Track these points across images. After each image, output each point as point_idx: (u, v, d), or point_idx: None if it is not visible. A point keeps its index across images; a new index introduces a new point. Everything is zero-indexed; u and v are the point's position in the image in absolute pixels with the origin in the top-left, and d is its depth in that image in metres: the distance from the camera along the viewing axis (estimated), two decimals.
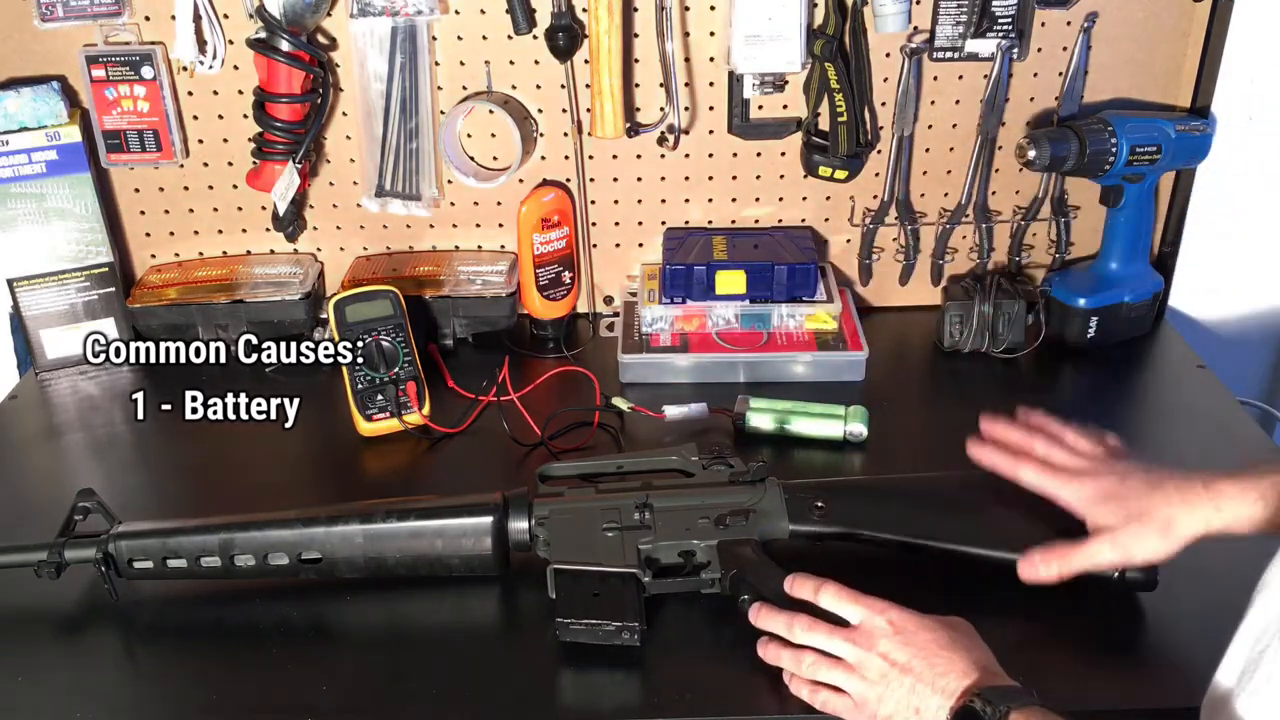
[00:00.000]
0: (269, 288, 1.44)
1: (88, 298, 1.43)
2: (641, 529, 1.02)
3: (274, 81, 1.32)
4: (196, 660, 1.00)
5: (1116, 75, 1.41)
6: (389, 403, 1.26)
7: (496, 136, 1.43)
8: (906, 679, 0.85)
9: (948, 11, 1.34)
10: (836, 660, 0.89)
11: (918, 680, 0.84)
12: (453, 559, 1.03)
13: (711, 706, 0.92)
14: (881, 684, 0.86)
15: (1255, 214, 1.51)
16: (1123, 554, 0.93)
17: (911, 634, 0.87)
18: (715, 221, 1.50)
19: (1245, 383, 1.60)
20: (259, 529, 1.02)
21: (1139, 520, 0.92)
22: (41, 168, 1.37)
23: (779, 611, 0.93)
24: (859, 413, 1.25)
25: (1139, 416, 1.37)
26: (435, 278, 1.45)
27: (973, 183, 1.45)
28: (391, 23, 1.34)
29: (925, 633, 0.87)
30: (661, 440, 1.25)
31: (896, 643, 0.87)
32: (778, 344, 1.38)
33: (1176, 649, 0.82)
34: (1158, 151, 1.34)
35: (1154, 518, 0.92)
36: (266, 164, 1.38)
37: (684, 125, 1.42)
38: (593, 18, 1.31)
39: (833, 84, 1.35)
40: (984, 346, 1.40)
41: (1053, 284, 1.42)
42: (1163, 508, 0.92)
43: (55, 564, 1.01)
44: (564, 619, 0.96)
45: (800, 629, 0.91)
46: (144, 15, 1.35)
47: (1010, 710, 0.79)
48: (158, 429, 1.30)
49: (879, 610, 0.89)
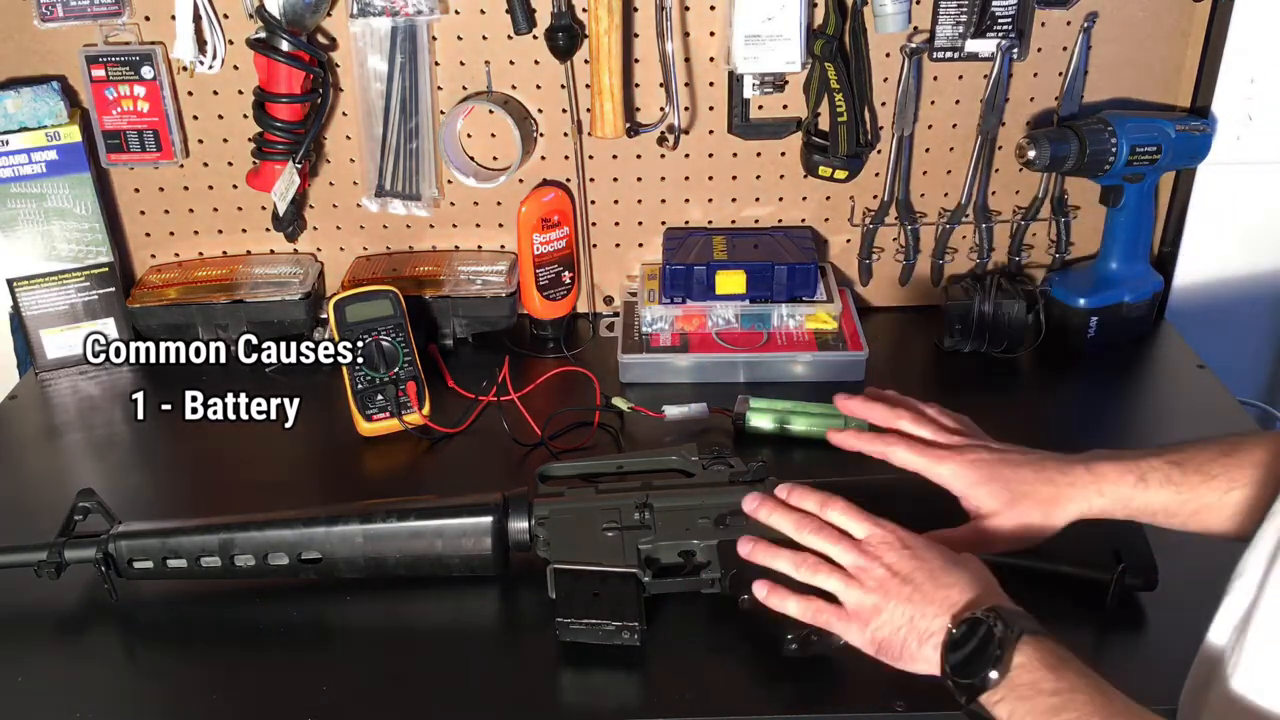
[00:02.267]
0: (269, 288, 1.44)
1: (88, 298, 1.43)
2: (641, 529, 1.02)
3: (274, 81, 1.32)
4: (196, 660, 1.00)
5: (1116, 75, 1.41)
6: (389, 403, 1.26)
7: (496, 136, 1.43)
8: (905, 589, 0.82)
9: (948, 11, 1.34)
10: (836, 567, 0.86)
11: (917, 590, 0.82)
12: (453, 559, 1.03)
13: (711, 706, 0.92)
14: (879, 592, 0.83)
15: (1255, 214, 1.51)
16: (1007, 539, 0.91)
17: (919, 550, 0.84)
18: (715, 221, 1.50)
19: (1245, 383, 1.60)
20: (259, 529, 1.02)
21: (1021, 502, 0.91)
22: (41, 168, 1.37)
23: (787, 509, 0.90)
24: None
25: (1139, 416, 1.37)
26: (435, 278, 1.45)
27: (973, 183, 1.45)
28: (391, 23, 1.34)
29: (933, 552, 0.84)
30: (661, 440, 1.25)
31: (903, 555, 0.84)
32: (778, 344, 1.38)
33: (1176, 649, 0.82)
34: (1158, 151, 1.34)
35: (1037, 499, 0.91)
36: (266, 164, 1.38)
37: (684, 125, 1.42)
38: (593, 18, 1.31)
39: (833, 84, 1.35)
40: (984, 346, 1.40)
41: (1053, 284, 1.42)
42: (1044, 488, 0.91)
43: (55, 564, 1.01)
44: (564, 619, 0.96)
45: (809, 530, 0.88)
46: (144, 15, 1.35)
47: (1024, 633, 0.76)
48: (158, 429, 1.30)
49: (889, 529, 0.86)
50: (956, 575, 0.82)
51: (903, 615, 0.82)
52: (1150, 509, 0.89)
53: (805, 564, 0.87)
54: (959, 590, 0.81)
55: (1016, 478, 0.92)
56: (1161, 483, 0.88)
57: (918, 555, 0.84)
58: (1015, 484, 0.91)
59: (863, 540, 0.87)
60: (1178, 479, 0.88)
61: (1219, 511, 0.87)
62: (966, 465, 0.93)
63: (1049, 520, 0.91)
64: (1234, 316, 1.57)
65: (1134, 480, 0.89)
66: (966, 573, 0.83)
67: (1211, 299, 1.55)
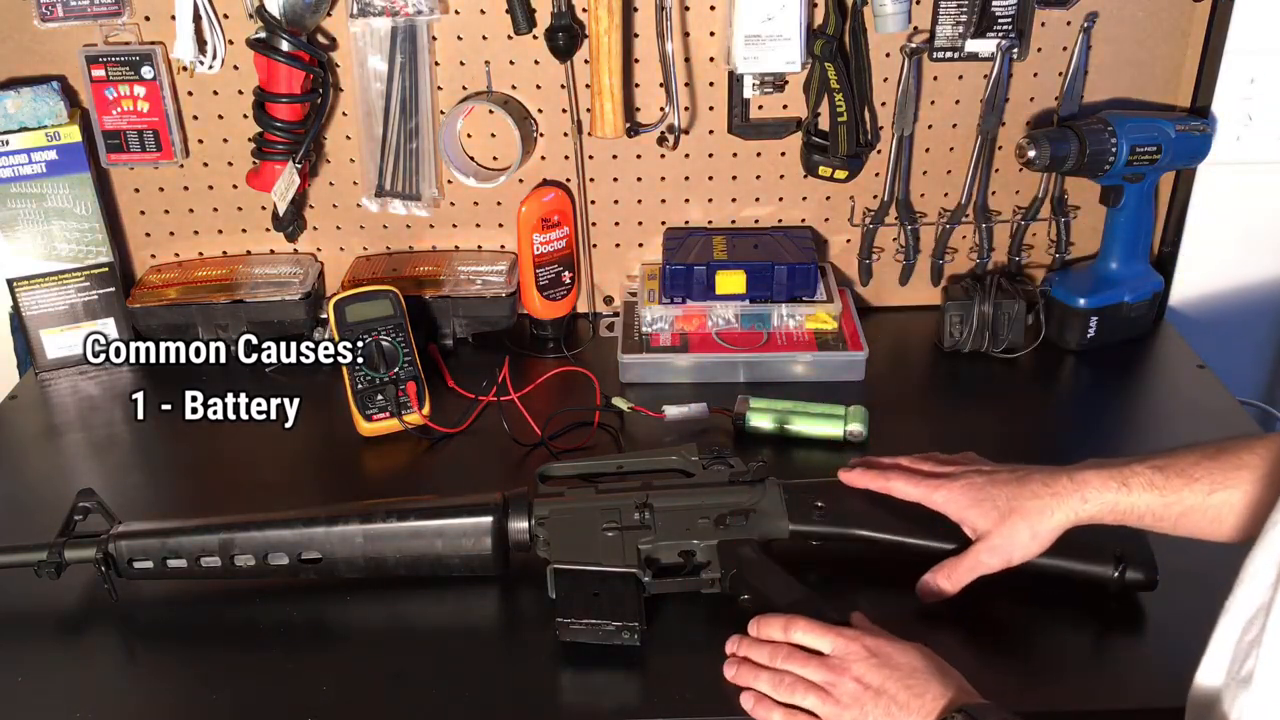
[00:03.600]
0: (269, 288, 1.44)
1: (88, 298, 1.43)
2: (641, 529, 1.02)
3: (274, 81, 1.32)
4: (196, 660, 1.00)
5: (1116, 75, 1.41)
6: (389, 403, 1.26)
7: (496, 136, 1.43)
8: (880, 701, 0.85)
9: (948, 11, 1.34)
10: (812, 685, 0.88)
11: (892, 702, 0.84)
12: (453, 559, 1.03)
13: (711, 706, 0.92)
14: (855, 707, 0.86)
15: (1255, 214, 1.51)
16: (1002, 556, 0.95)
17: (885, 657, 0.87)
18: (715, 221, 1.50)
19: (1245, 383, 1.60)
20: (259, 529, 1.02)
21: (1009, 518, 0.94)
22: (41, 168, 1.37)
23: (757, 643, 0.93)
24: (859, 413, 1.25)
25: (1139, 416, 1.37)
26: (435, 278, 1.45)
27: (973, 183, 1.45)
28: (391, 23, 1.34)
29: (899, 656, 0.87)
30: (661, 440, 1.25)
31: (870, 665, 0.87)
32: (778, 344, 1.38)
33: (1176, 649, 0.82)
34: (1158, 151, 1.34)
35: (1024, 513, 0.94)
36: (266, 164, 1.38)
37: (684, 125, 1.42)
38: (593, 18, 1.31)
39: (833, 84, 1.35)
40: (984, 346, 1.40)
41: (1053, 284, 1.42)
42: (1030, 501, 0.93)
43: (55, 564, 1.01)
44: (564, 619, 0.96)
45: (781, 657, 0.91)
46: (144, 15, 1.35)
47: None
48: (158, 429, 1.30)
49: (851, 638, 0.89)
50: (925, 679, 0.85)
51: None
52: (1136, 512, 0.91)
53: (783, 685, 0.90)
54: (931, 696, 0.84)
55: (1003, 494, 0.95)
56: (1144, 486, 0.90)
57: (886, 664, 0.86)
58: (1003, 501, 0.95)
59: (829, 656, 0.89)
60: (1160, 482, 0.90)
61: (1204, 514, 0.89)
62: (958, 490, 0.97)
63: (1037, 531, 0.93)
64: (1234, 316, 1.57)
65: (1116, 485, 0.91)
66: (933, 674, 0.85)
67: (1211, 299, 1.55)
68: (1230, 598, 0.74)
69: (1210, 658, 0.76)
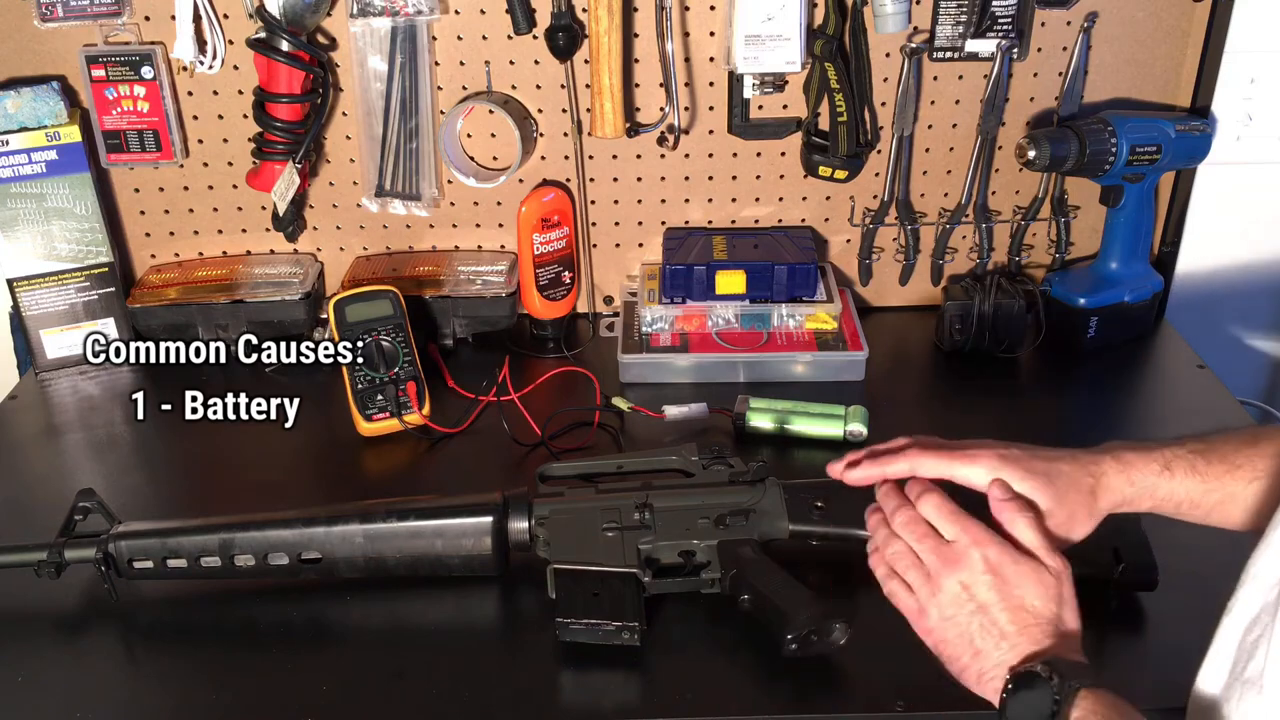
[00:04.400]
0: (269, 288, 1.44)
1: (88, 298, 1.43)
2: (641, 529, 1.02)
3: (274, 81, 1.32)
4: (196, 660, 1.00)
5: (1116, 75, 1.41)
6: (389, 403, 1.26)
7: (496, 136, 1.43)
8: (977, 618, 0.80)
9: (948, 11, 1.34)
10: (920, 563, 0.83)
11: (990, 623, 0.79)
12: (453, 559, 1.03)
13: (711, 706, 0.92)
14: (952, 607, 0.81)
15: (1255, 214, 1.51)
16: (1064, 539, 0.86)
17: (1002, 580, 0.80)
18: (715, 221, 1.50)
19: (1245, 383, 1.60)
20: (259, 529, 1.02)
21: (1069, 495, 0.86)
22: (41, 168, 1.37)
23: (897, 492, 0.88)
24: (859, 413, 1.25)
25: (1139, 416, 1.37)
26: (435, 278, 1.45)
27: (973, 183, 1.45)
28: (391, 23, 1.34)
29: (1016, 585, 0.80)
30: (661, 440, 1.25)
31: (984, 580, 0.80)
32: (778, 344, 1.38)
33: (1176, 649, 0.82)
34: (1158, 151, 1.34)
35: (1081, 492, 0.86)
36: (266, 164, 1.38)
37: (684, 125, 1.42)
38: (593, 18, 1.31)
39: (833, 84, 1.35)
40: (984, 346, 1.40)
41: (1053, 284, 1.42)
42: (1086, 479, 0.86)
43: (55, 564, 1.01)
44: (564, 619, 0.96)
45: (901, 520, 0.86)
46: (144, 15, 1.35)
47: (1080, 687, 0.74)
48: (158, 429, 1.30)
49: (977, 540, 0.82)
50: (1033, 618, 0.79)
51: (967, 642, 0.80)
52: (1174, 499, 0.86)
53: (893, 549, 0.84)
54: (1030, 638, 0.78)
55: (1055, 471, 0.86)
56: (1187, 472, 0.86)
57: (999, 585, 0.80)
58: (1056, 478, 0.86)
59: (951, 544, 0.83)
60: (1202, 468, 0.85)
61: (1240, 503, 0.85)
62: (999, 461, 0.87)
63: (1092, 513, 0.86)
64: (1234, 317, 1.57)
65: (1159, 469, 0.86)
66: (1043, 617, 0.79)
67: (1211, 299, 1.55)
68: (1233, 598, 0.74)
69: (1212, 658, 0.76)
